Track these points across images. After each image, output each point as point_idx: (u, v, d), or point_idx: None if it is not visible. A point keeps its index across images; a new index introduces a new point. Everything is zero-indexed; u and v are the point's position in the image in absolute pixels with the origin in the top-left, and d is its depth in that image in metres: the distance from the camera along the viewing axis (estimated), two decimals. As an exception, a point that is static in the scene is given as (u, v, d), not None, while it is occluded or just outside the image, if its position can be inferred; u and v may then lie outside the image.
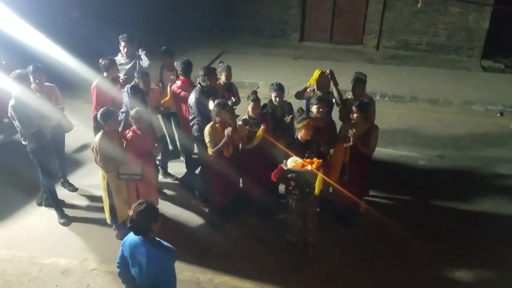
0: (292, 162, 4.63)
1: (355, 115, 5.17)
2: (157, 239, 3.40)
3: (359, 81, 5.77)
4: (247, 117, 5.32)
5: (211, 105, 5.25)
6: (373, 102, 5.86)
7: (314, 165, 4.51)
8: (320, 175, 4.50)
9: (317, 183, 4.52)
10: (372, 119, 5.70)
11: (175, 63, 6.22)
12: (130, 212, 3.24)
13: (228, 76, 6.00)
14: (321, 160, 4.63)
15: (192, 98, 5.65)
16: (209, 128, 5.14)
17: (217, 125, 5.14)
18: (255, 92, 5.42)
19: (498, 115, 9.08)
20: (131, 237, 3.39)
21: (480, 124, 8.58)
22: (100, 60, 5.99)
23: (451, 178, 6.79)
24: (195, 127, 5.73)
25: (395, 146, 7.58)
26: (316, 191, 4.56)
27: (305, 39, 13.24)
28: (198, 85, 5.71)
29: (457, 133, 8.21)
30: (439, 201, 6.21)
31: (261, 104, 5.41)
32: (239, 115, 5.90)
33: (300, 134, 4.85)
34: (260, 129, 5.12)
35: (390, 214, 5.78)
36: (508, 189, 6.49)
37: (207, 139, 5.14)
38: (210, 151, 5.16)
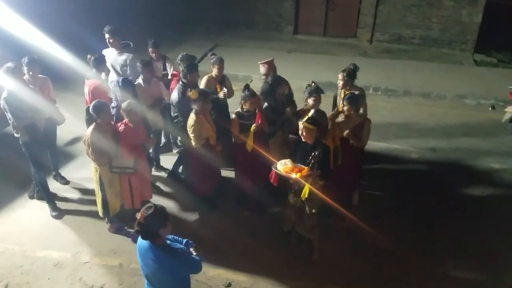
0: (282, 165, 4.55)
1: (345, 108, 5.16)
2: (167, 242, 3.23)
3: (343, 72, 5.69)
4: (240, 110, 5.30)
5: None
6: (364, 94, 5.83)
7: (298, 175, 4.40)
8: (308, 185, 4.40)
9: (304, 189, 4.45)
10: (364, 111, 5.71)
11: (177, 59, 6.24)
12: (138, 216, 3.09)
13: (221, 68, 5.96)
14: (313, 170, 4.47)
15: (175, 97, 5.60)
16: (193, 120, 5.06)
17: (200, 116, 5.10)
18: (247, 86, 5.38)
19: (490, 109, 9.15)
20: (141, 241, 3.23)
21: (472, 118, 8.64)
22: (88, 56, 5.92)
23: (443, 171, 6.84)
24: (178, 125, 5.73)
25: (388, 140, 7.61)
26: (302, 195, 4.48)
27: (299, 32, 13.22)
28: (180, 82, 5.65)
29: (450, 126, 8.26)
30: (431, 194, 6.24)
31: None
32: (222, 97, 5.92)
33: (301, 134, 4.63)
34: (252, 127, 5.10)
35: (382, 206, 5.82)
36: (499, 182, 6.56)
37: (191, 131, 5.08)
38: (195, 144, 5.13)
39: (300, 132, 4.56)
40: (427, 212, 5.86)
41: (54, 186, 6.06)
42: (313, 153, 4.49)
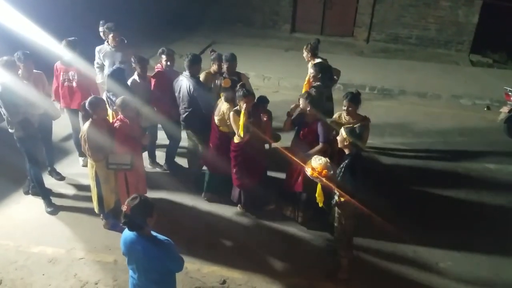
0: (315, 160, 4.49)
1: (347, 108, 5.20)
2: (153, 233, 3.27)
3: (306, 47, 6.67)
4: (238, 109, 5.28)
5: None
6: (339, 72, 6.56)
7: (310, 172, 4.41)
8: (319, 187, 4.46)
9: (317, 193, 4.53)
10: (338, 75, 6.48)
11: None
12: (124, 208, 3.12)
13: (221, 65, 5.90)
14: (329, 176, 4.37)
15: (191, 87, 5.51)
16: (234, 113, 5.10)
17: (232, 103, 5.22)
18: (243, 85, 5.30)
19: (485, 109, 9.20)
20: (127, 233, 3.27)
21: (467, 118, 8.69)
22: (63, 41, 5.90)
23: (438, 171, 6.87)
24: (190, 116, 5.68)
25: (383, 139, 7.63)
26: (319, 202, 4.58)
27: (296, 30, 13.23)
28: (188, 74, 5.60)
29: (445, 126, 8.29)
30: (426, 194, 6.28)
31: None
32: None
33: None
34: (243, 110, 5.03)
35: (376, 206, 5.82)
36: (493, 183, 6.59)
37: (234, 124, 5.10)
38: (241, 134, 5.08)
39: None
40: (422, 212, 5.88)
41: (49, 181, 6.04)
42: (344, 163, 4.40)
